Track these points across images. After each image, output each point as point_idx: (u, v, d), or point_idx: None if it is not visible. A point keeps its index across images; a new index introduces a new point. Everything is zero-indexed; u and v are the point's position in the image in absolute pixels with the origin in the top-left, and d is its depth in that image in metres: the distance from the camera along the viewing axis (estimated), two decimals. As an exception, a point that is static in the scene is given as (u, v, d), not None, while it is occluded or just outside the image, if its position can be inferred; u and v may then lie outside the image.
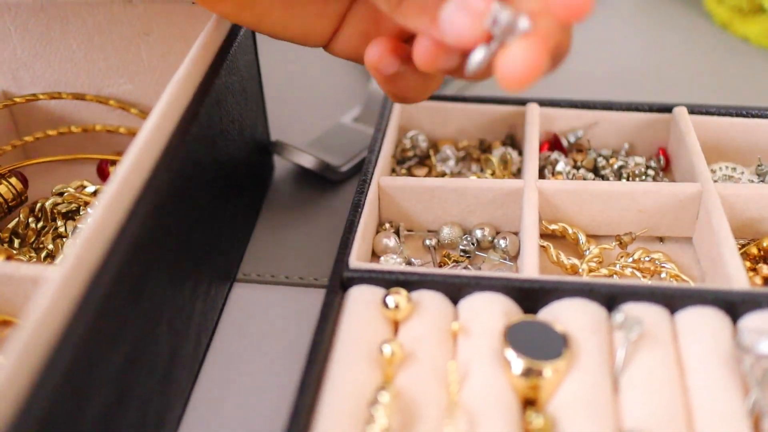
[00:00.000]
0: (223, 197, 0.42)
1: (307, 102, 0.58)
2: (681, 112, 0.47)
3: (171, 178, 0.35)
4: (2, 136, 0.48)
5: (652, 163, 0.47)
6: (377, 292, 0.37)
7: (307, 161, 0.49)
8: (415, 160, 0.49)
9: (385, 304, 0.36)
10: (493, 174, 0.47)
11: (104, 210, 0.31)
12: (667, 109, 0.48)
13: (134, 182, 0.33)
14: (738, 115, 0.47)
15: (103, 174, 0.48)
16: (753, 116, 0.47)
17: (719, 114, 0.47)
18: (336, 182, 0.51)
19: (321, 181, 0.51)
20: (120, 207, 0.32)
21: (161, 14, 0.45)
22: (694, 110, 0.48)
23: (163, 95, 0.37)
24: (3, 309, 0.37)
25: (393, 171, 0.48)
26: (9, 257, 0.38)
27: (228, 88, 0.42)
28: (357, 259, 0.39)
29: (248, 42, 0.45)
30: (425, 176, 0.48)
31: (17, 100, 0.46)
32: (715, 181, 0.45)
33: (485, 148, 0.50)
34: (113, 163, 0.47)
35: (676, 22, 0.65)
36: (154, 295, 0.33)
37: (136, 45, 0.46)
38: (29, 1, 0.46)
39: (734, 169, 0.46)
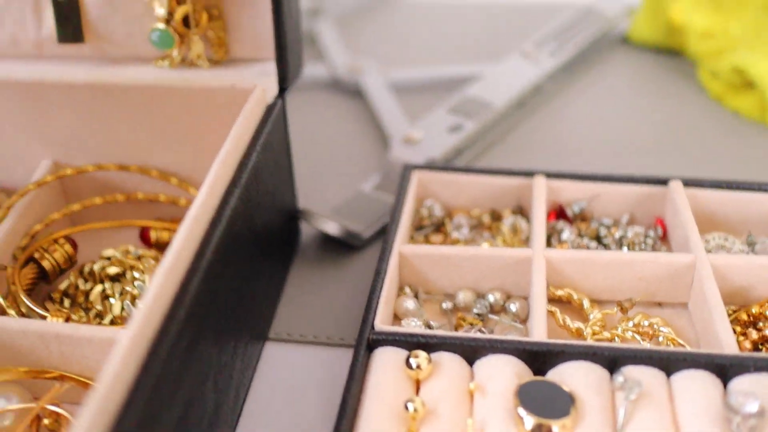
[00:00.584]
0: (257, 262, 0.46)
1: (329, 171, 0.62)
2: (676, 185, 0.51)
3: (217, 247, 0.39)
4: (52, 204, 0.52)
5: (651, 233, 0.51)
6: (400, 353, 0.41)
7: (332, 228, 0.53)
8: (431, 228, 0.53)
9: (409, 365, 0.40)
10: (504, 241, 0.51)
11: (163, 277, 0.35)
12: (663, 181, 0.52)
13: (187, 252, 0.37)
14: (729, 188, 0.51)
15: (145, 238, 0.52)
16: (743, 190, 0.51)
17: (712, 187, 0.52)
18: (358, 247, 0.55)
19: (344, 245, 0.55)
20: (176, 275, 0.36)
21: (202, 95, 0.50)
22: (688, 183, 0.52)
23: (210, 173, 0.41)
24: (59, 365, 0.41)
25: (411, 238, 0.52)
26: (68, 318, 0.41)
27: (264, 164, 0.46)
28: (381, 322, 0.42)
29: (280, 121, 0.50)
30: (441, 243, 0.52)
31: (68, 172, 0.51)
32: (709, 251, 0.49)
33: (496, 216, 0.54)
34: (154, 228, 0.51)
35: (673, 96, 0.70)
36: (203, 354, 0.37)
37: (177, 121, 0.51)
38: (83, 83, 0.50)
39: (726, 239, 0.50)
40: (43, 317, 0.42)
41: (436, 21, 0.84)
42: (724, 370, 0.39)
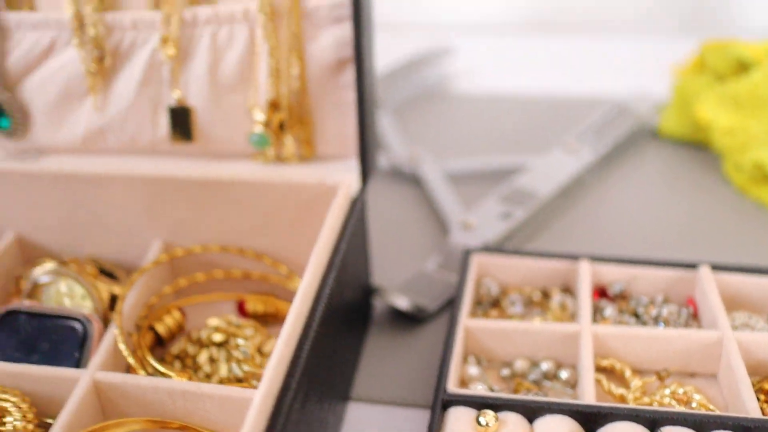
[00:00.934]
0: (344, 331, 0.54)
1: (394, 252, 0.70)
2: (705, 270, 0.58)
3: (320, 320, 0.47)
4: (164, 279, 0.61)
5: (683, 311, 0.58)
6: (470, 412, 0.48)
7: (403, 303, 0.61)
8: (489, 304, 0.61)
9: (479, 422, 0.47)
10: (554, 317, 0.58)
11: (282, 345, 0.43)
12: (693, 265, 0.60)
13: (298, 324, 0.45)
14: (752, 272, 0.58)
15: (241, 310, 0.60)
16: (765, 273, 0.58)
17: (737, 271, 0.59)
18: (422, 320, 0.62)
19: (409, 318, 0.62)
20: (291, 344, 0.44)
21: (293, 189, 0.58)
22: (716, 267, 0.59)
23: (311, 260, 0.49)
24: (182, 418, 0.48)
25: (473, 313, 0.60)
26: (189, 378, 0.49)
27: (350, 249, 0.54)
28: (452, 386, 0.50)
29: (361, 213, 0.58)
30: (497, 317, 0.60)
31: (179, 253, 0.59)
32: (735, 328, 0.55)
33: (545, 294, 0.61)
34: (250, 301, 0.59)
35: (701, 186, 0.78)
36: (310, 411, 0.45)
37: (273, 211, 0.59)
38: (191, 176, 0.59)
39: (750, 317, 0.57)
40: (167, 376, 0.50)
41: (484, 113, 0.93)
42: (749, 431, 0.46)
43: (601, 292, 0.60)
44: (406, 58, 1.00)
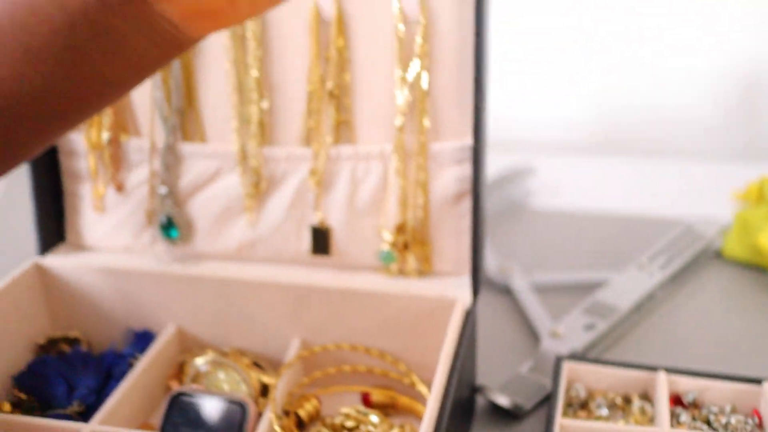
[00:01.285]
0: (458, 425, 0.64)
1: (488, 355, 0.80)
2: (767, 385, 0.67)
3: (448, 415, 0.57)
4: (301, 371, 0.72)
5: (749, 421, 0.67)
6: (570, 499, 0.58)
7: (504, 401, 0.71)
8: (578, 405, 0.70)
9: (578, 508, 0.56)
10: (635, 420, 0.68)
11: (423, 436, 0.53)
12: (758, 381, 0.69)
13: (432, 420, 0.56)
14: (810, 389, 0.68)
15: (366, 401, 0.70)
16: (821, 391, 0.67)
17: (796, 387, 0.68)
18: (517, 416, 0.72)
19: (505, 414, 0.72)
20: (429, 435, 0.54)
21: (414, 301, 0.69)
22: (777, 383, 0.68)
23: (439, 366, 0.60)
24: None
25: (564, 413, 0.69)
26: (333, 457, 0.60)
27: (466, 354, 0.65)
28: (552, 476, 0.60)
29: (473, 324, 0.69)
30: (586, 418, 0.69)
31: (317, 349, 0.70)
32: (795, 438, 0.64)
33: (627, 399, 0.71)
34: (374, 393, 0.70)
35: (761, 307, 0.87)
36: (442, 490, 0.55)
37: (395, 317, 0.70)
38: (333, 288, 0.71)
39: (808, 429, 0.65)
40: (314, 455, 0.61)
41: (563, 229, 1.04)
42: None
43: (676, 400, 0.70)
44: (493, 176, 1.12)
